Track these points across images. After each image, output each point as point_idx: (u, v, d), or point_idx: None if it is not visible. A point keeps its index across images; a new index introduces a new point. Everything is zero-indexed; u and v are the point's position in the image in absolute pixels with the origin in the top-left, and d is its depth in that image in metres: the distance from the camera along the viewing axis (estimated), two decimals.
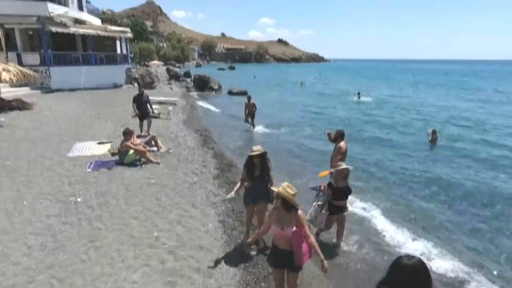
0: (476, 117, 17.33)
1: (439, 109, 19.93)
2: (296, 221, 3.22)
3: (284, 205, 3.18)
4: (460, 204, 7.14)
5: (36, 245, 4.50)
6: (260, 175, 4.61)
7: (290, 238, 3.20)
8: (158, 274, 4.00)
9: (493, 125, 15.47)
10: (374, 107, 20.41)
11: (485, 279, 4.69)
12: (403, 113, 18.25)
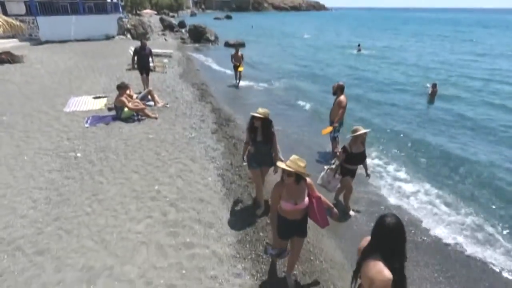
0: (478, 72, 16.89)
1: (441, 62, 19.37)
2: (308, 190, 3.17)
3: (297, 179, 3.03)
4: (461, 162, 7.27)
5: (40, 198, 4.63)
6: (262, 141, 4.36)
7: (303, 210, 3.15)
8: (161, 225, 4.18)
9: (498, 81, 15.13)
10: (374, 60, 19.78)
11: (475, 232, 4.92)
12: (402, 66, 17.68)
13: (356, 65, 18.11)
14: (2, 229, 3.99)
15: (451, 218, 5.04)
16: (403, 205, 5.35)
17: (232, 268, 3.63)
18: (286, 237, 3.31)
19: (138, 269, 3.47)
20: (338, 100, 6.65)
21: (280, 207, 3.14)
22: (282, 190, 3.09)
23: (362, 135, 4.64)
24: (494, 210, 5.27)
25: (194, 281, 3.38)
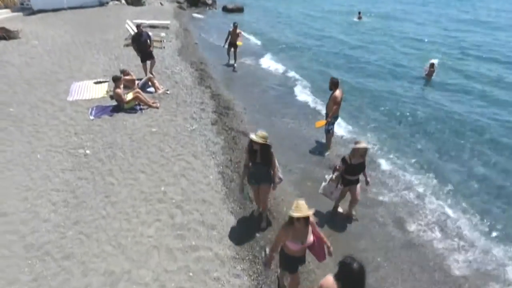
0: (486, 45, 16.42)
1: (446, 34, 18.74)
2: (312, 227, 3.41)
3: (306, 223, 3.23)
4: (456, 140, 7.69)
5: (59, 201, 5.13)
6: (261, 162, 4.52)
7: (307, 247, 3.46)
8: (169, 228, 4.72)
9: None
10: (373, 31, 19.11)
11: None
12: (402, 39, 17.04)
13: (354, 38, 17.65)
14: (30, 234, 4.53)
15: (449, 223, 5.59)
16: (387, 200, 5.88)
17: (232, 269, 4.23)
18: (294, 271, 3.62)
19: (152, 272, 4.06)
20: (333, 96, 6.92)
21: (287, 247, 3.40)
22: (290, 232, 3.29)
23: (362, 149, 4.77)
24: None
25: (200, 283, 3.98)
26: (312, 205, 3.37)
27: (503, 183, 6.41)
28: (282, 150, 6.74)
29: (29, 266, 4.07)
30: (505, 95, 10.50)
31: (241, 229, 4.87)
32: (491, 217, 5.54)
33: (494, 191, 6.20)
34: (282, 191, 5.68)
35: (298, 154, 7.16)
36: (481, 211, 5.67)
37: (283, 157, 6.40)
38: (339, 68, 12.77)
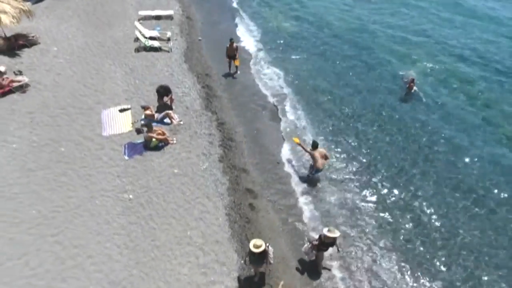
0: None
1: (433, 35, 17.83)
2: None
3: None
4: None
5: (121, 244, 7.73)
6: (258, 257, 6.61)
7: None
8: (196, 267, 7.42)
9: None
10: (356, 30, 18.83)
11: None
12: (392, 43, 16.72)
13: (345, 30, 18.43)
14: (110, 272, 7.22)
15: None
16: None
17: (231, 272, 7.03)
18: None
19: None
20: (313, 155, 9.16)
21: None
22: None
23: (332, 238, 6.93)
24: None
25: None
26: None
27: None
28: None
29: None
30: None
31: (242, 265, 7.57)
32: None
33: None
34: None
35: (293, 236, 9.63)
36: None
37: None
38: (328, 76, 14.35)
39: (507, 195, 9.50)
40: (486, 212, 9.10)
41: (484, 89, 13.66)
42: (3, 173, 8.97)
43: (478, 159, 10.56)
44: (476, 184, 9.79)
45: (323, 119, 12.10)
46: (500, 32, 17.90)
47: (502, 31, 17.99)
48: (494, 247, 8.30)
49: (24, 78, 11.95)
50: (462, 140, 11.28)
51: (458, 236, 8.52)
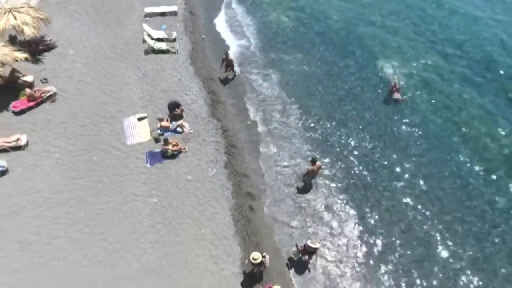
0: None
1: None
2: None
3: None
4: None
5: (152, 240, 10.18)
6: (257, 265, 9.13)
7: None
8: (209, 258, 9.94)
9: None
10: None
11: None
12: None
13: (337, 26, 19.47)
14: (146, 263, 9.75)
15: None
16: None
17: (240, 279, 9.65)
18: None
19: (206, 285, 9.49)
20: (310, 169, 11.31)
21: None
22: None
23: (314, 248, 9.44)
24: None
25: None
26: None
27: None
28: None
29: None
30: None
31: (244, 255, 10.09)
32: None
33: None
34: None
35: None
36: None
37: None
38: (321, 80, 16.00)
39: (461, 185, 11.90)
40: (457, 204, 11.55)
41: (464, 93, 15.45)
42: (52, 181, 11.18)
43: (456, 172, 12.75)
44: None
45: (311, 125, 14.07)
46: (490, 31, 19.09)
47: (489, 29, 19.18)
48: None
49: (52, 88, 13.62)
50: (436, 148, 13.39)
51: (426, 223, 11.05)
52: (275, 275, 9.81)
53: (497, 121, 14.40)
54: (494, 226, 11.20)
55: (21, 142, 11.75)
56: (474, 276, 10.14)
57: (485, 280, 10.07)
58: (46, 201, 10.69)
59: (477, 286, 9.96)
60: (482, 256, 10.53)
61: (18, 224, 10.12)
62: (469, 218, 11.38)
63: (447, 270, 10.27)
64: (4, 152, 11.59)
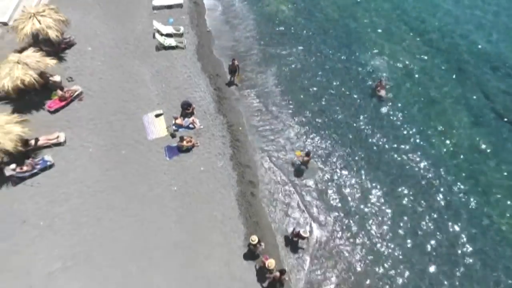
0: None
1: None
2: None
3: None
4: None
5: (176, 221, 12.97)
6: (255, 245, 12.05)
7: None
8: (220, 235, 12.82)
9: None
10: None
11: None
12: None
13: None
14: (172, 238, 12.66)
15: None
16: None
17: (244, 251, 12.64)
18: None
19: (219, 260, 12.50)
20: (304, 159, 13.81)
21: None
22: None
23: (304, 236, 12.20)
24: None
25: (235, 262, 12.47)
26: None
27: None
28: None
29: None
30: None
31: (246, 232, 12.97)
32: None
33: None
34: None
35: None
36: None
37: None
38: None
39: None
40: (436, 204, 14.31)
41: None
42: (90, 172, 13.72)
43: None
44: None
45: (303, 119, 16.31)
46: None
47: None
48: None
49: (78, 87, 15.59)
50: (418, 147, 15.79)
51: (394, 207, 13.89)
52: (269, 248, 12.75)
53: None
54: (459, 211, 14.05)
55: (60, 139, 14.08)
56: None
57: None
58: (88, 189, 13.33)
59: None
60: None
61: (69, 209, 12.85)
62: (437, 205, 14.16)
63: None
64: (47, 148, 13.99)
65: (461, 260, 12.85)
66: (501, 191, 14.50)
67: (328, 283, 12.35)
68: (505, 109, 17.16)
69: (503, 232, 13.49)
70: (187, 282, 11.64)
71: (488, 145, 15.83)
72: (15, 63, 13.88)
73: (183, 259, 12.10)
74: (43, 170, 13.41)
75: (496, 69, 18.38)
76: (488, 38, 19.78)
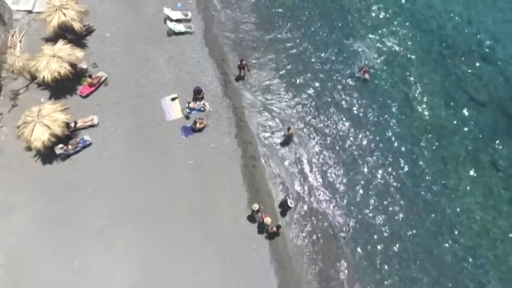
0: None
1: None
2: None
3: None
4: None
5: (195, 189, 16.32)
6: (256, 211, 15.39)
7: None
8: (228, 199, 16.29)
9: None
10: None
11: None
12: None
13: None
14: (191, 202, 16.15)
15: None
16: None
17: (248, 213, 16.21)
18: None
19: (227, 216, 16.12)
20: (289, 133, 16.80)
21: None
22: None
23: (290, 206, 15.74)
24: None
25: (241, 222, 16.10)
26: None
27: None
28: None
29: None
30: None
31: (249, 198, 16.43)
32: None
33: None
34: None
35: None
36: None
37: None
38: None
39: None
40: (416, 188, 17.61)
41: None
42: (121, 150, 16.76)
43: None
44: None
45: (295, 99, 18.98)
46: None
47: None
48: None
49: (103, 73, 17.97)
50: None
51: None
52: (268, 209, 16.29)
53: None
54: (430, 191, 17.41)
55: (94, 121, 16.92)
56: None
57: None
58: (121, 164, 16.50)
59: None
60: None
61: (108, 179, 16.12)
62: (403, 169, 17.49)
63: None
64: (84, 130, 16.89)
65: (421, 212, 16.69)
66: (455, 161, 17.77)
67: (311, 233, 16.16)
68: (476, 90, 19.72)
69: (453, 191, 17.09)
70: (205, 235, 15.29)
71: (455, 122, 18.71)
72: (50, 56, 16.15)
73: (200, 218, 15.68)
74: (84, 148, 16.46)
75: (471, 53, 20.50)
76: (468, 23, 21.53)
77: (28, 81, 17.53)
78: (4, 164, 15.93)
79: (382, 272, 15.57)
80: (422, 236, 16.25)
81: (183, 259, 14.72)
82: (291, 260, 15.67)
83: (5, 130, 16.50)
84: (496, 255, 16.00)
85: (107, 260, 14.48)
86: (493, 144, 18.22)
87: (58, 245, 14.56)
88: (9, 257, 14.20)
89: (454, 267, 15.72)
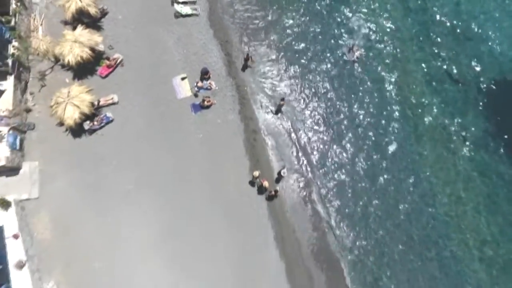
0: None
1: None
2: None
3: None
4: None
5: (205, 160, 19.12)
6: (257, 177, 18.17)
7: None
8: (232, 170, 19.18)
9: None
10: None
11: None
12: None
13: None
14: (202, 174, 19.03)
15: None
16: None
17: (249, 179, 19.16)
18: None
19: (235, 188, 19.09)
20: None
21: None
22: None
23: (283, 176, 18.55)
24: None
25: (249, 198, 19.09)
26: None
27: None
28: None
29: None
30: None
31: (250, 166, 19.28)
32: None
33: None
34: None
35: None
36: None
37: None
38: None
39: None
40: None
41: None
42: (140, 125, 19.25)
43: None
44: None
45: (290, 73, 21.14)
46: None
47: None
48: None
49: (119, 55, 19.92)
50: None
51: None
52: (267, 175, 19.21)
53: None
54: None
55: (115, 100, 19.25)
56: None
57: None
58: (141, 136, 19.06)
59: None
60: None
61: (131, 151, 18.79)
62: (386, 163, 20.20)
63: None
64: (106, 107, 19.26)
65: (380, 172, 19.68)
66: (433, 136, 20.44)
67: (303, 193, 19.32)
68: (460, 73, 21.78)
69: (424, 159, 20.02)
70: (213, 197, 18.34)
71: (433, 99, 21.08)
72: (73, 42, 18.06)
73: (209, 183, 18.65)
74: (107, 123, 18.97)
75: (459, 35, 22.23)
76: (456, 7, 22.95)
77: (52, 63, 19.50)
78: (40, 139, 18.52)
79: (362, 223, 19.04)
80: (399, 191, 19.57)
81: (195, 214, 17.92)
82: (285, 216, 18.91)
83: (38, 108, 18.87)
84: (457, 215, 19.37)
85: (134, 216, 17.63)
86: (465, 117, 20.81)
87: (94, 205, 17.62)
88: (55, 216, 17.27)
89: (413, 222, 19.10)
